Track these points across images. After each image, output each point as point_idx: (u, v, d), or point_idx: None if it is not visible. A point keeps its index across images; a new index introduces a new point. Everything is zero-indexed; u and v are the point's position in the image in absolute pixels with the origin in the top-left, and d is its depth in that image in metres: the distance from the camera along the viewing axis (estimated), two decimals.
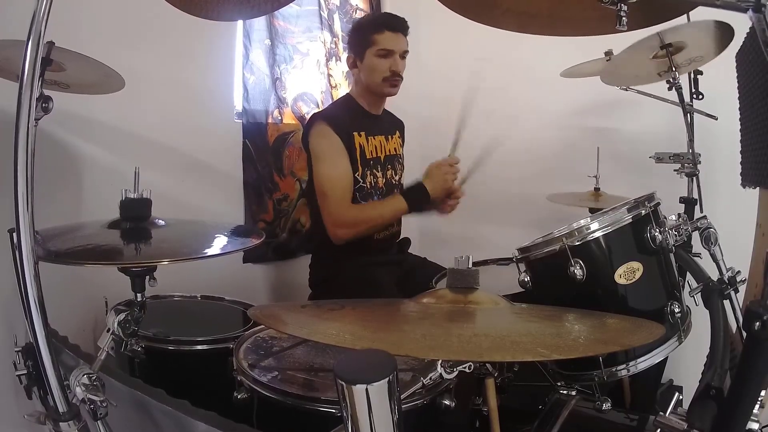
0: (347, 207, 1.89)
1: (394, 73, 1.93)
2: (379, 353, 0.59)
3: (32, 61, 0.79)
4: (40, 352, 0.82)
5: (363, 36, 1.95)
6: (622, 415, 1.28)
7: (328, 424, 0.83)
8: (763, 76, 1.38)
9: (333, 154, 1.90)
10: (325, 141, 1.91)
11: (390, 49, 1.91)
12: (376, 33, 1.92)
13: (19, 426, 1.27)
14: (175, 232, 1.24)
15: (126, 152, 1.80)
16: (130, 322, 0.98)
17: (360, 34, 1.97)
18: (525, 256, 1.19)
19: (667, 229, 1.13)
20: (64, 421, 0.85)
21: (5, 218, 0.82)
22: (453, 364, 0.81)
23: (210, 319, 1.60)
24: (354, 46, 1.99)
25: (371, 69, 1.94)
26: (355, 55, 1.97)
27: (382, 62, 1.92)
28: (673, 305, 1.12)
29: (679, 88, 1.88)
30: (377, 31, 1.92)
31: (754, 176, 1.51)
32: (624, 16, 0.83)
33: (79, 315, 1.65)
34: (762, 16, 0.72)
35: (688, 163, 1.95)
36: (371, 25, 1.98)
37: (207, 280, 1.79)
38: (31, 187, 0.80)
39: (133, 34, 1.78)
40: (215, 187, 2.16)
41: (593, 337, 0.85)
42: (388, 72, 1.92)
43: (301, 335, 0.97)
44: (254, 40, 2.28)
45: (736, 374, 0.71)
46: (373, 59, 1.92)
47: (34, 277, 0.81)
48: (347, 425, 0.57)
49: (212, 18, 1.14)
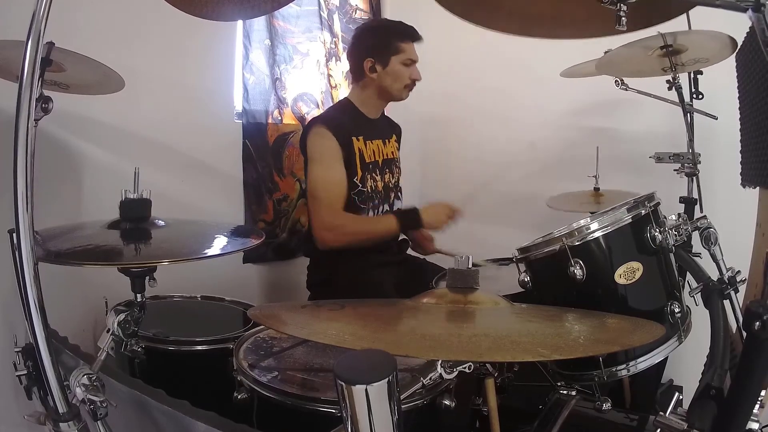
0: (337, 213, 1.89)
1: (414, 81, 2.01)
2: (379, 353, 0.59)
3: (32, 62, 0.79)
4: (40, 352, 0.82)
5: (388, 42, 1.97)
6: (622, 415, 1.28)
7: (328, 424, 0.83)
8: (762, 75, 1.38)
9: (329, 158, 1.90)
10: (322, 143, 1.91)
11: (414, 59, 1.99)
12: (403, 42, 1.97)
13: (19, 426, 1.27)
14: (175, 232, 1.23)
15: (126, 152, 1.80)
16: (130, 322, 0.99)
17: (384, 40, 1.98)
18: (525, 256, 1.19)
19: (667, 229, 1.13)
20: (64, 422, 0.85)
21: (5, 218, 0.82)
22: (453, 364, 0.81)
23: (210, 319, 1.60)
24: (375, 50, 1.98)
25: (396, 75, 1.98)
26: (377, 60, 1.97)
27: (406, 70, 1.98)
28: (673, 305, 1.12)
29: (679, 87, 1.88)
30: (404, 40, 1.98)
31: (754, 176, 1.51)
32: (623, 16, 0.83)
33: (79, 315, 1.65)
34: (762, 15, 0.72)
35: (688, 163, 1.95)
36: (397, 33, 2.00)
37: (207, 280, 1.79)
38: (31, 187, 0.80)
39: (133, 34, 1.78)
40: (215, 187, 2.16)
41: (593, 337, 0.85)
42: (409, 80, 2.00)
43: (301, 335, 0.97)
44: (254, 40, 2.29)
45: (736, 374, 0.72)
46: (399, 67, 1.97)
47: (34, 277, 0.81)
48: (347, 425, 0.57)
49: (212, 18, 1.14)
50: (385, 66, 1.96)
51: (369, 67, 1.98)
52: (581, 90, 2.42)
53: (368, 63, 1.98)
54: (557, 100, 2.69)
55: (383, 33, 2.03)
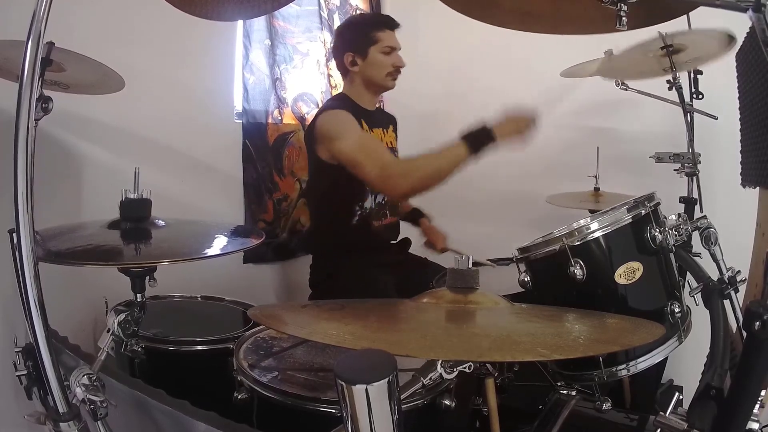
0: (392, 161, 1.83)
1: (398, 68, 2.01)
2: (379, 353, 0.59)
3: (32, 62, 0.79)
4: (40, 352, 0.82)
5: (364, 34, 1.99)
6: (622, 415, 1.28)
7: (328, 424, 0.83)
8: (762, 75, 1.38)
9: (351, 127, 1.86)
10: (339, 117, 1.87)
11: (393, 46, 2.00)
12: (379, 31, 1.99)
13: (19, 426, 1.27)
14: (175, 232, 1.23)
15: (126, 152, 1.80)
16: (130, 322, 0.99)
17: (360, 33, 2.01)
18: (525, 256, 1.19)
19: (667, 229, 1.13)
20: (64, 422, 0.85)
21: (5, 218, 0.82)
22: (453, 364, 0.81)
23: (210, 319, 1.60)
24: (354, 44, 2.00)
25: (377, 65, 1.99)
26: (356, 53, 1.99)
27: (386, 58, 1.99)
28: (673, 305, 1.12)
29: (679, 87, 1.88)
30: (379, 29, 1.99)
31: (754, 176, 1.51)
32: (624, 15, 0.83)
33: (79, 315, 1.65)
34: (762, 15, 0.72)
35: (688, 163, 1.95)
36: (371, 24, 2.03)
37: (207, 280, 1.79)
38: (31, 187, 0.80)
39: (133, 34, 1.78)
40: (215, 187, 2.16)
41: (593, 337, 0.85)
42: (392, 67, 2.00)
43: (301, 335, 0.97)
44: (254, 40, 2.28)
45: (736, 374, 0.72)
46: (378, 56, 1.99)
47: (34, 277, 0.81)
48: (347, 425, 0.57)
49: (212, 18, 1.14)
50: (364, 57, 1.99)
51: (350, 61, 2.01)
52: (581, 90, 2.42)
53: (348, 57, 2.01)
54: (557, 100, 2.69)
55: (359, 26, 2.07)
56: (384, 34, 1.99)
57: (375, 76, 2.00)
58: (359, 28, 2.05)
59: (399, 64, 2.01)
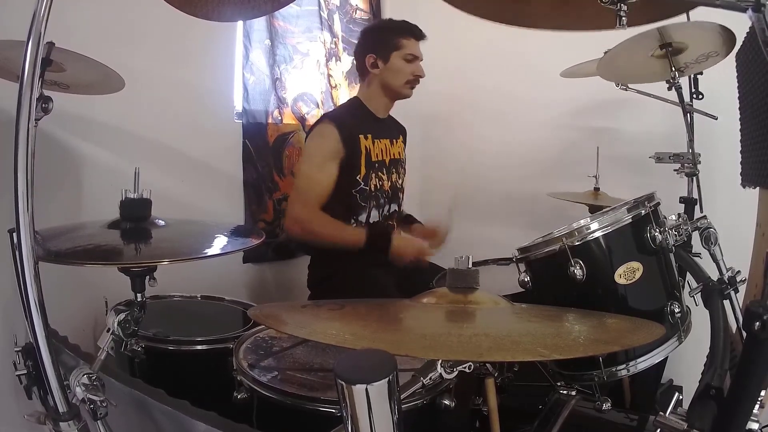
0: (311, 209, 1.89)
1: (417, 77, 2.03)
2: (379, 353, 0.59)
3: (32, 62, 0.79)
4: (40, 352, 0.82)
5: (388, 38, 2.01)
6: (622, 415, 1.28)
7: (328, 424, 0.83)
8: (763, 76, 1.38)
9: (321, 158, 1.93)
10: (320, 143, 1.94)
11: (416, 54, 2.02)
12: (403, 38, 2.00)
13: (19, 426, 1.27)
14: (175, 232, 1.23)
15: (126, 152, 1.80)
16: (130, 322, 0.99)
17: (385, 36, 2.03)
18: (525, 256, 1.19)
19: (667, 229, 1.13)
20: (64, 421, 0.85)
21: (5, 218, 0.82)
22: (453, 364, 0.81)
23: (210, 319, 1.60)
24: (376, 47, 2.02)
25: (396, 71, 2.00)
26: (378, 56, 2.01)
27: (407, 66, 2.01)
28: (673, 305, 1.12)
29: (679, 88, 1.88)
30: (404, 36, 2.01)
31: (754, 176, 1.51)
32: (624, 15, 0.83)
33: (79, 315, 1.65)
34: (762, 15, 0.72)
35: (688, 163, 1.95)
36: (397, 30, 2.04)
37: (207, 280, 1.79)
38: (31, 187, 0.80)
39: (133, 34, 1.78)
40: (215, 187, 2.16)
41: (593, 337, 0.85)
42: (411, 76, 2.02)
43: (301, 335, 0.97)
44: (254, 41, 2.28)
45: (736, 374, 0.71)
46: (400, 62, 2.00)
47: (34, 277, 0.81)
48: (347, 425, 0.57)
49: (212, 18, 1.14)
50: (386, 61, 2.00)
51: (371, 63, 2.02)
52: (581, 90, 2.42)
53: (370, 59, 2.02)
54: (557, 100, 2.69)
55: (384, 30, 2.09)
56: (408, 42, 2.00)
57: (393, 81, 2.01)
58: (385, 31, 2.06)
59: (419, 73, 2.02)
